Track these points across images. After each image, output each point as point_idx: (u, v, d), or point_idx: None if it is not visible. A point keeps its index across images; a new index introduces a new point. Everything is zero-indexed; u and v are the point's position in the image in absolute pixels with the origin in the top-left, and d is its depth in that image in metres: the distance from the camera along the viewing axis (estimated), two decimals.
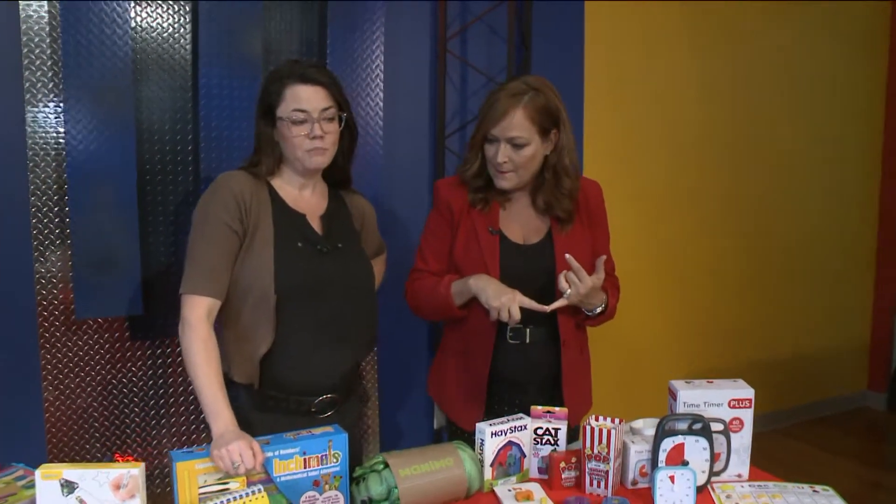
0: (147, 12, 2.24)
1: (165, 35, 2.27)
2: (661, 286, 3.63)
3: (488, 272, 1.88)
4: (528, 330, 1.94)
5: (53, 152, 2.17)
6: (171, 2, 2.26)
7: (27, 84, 2.13)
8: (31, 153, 2.16)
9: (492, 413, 1.95)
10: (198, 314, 1.62)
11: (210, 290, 1.64)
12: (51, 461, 2.27)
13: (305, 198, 1.80)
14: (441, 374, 2.07)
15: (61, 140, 2.17)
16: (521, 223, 1.96)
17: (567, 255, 1.79)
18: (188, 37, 2.29)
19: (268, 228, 1.70)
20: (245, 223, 1.68)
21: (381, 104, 2.54)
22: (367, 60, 2.50)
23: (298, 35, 2.45)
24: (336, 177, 1.88)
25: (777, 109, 3.88)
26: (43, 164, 2.17)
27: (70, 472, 1.26)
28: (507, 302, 1.76)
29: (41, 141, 2.16)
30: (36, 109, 2.14)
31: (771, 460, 2.06)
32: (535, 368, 1.97)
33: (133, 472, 1.29)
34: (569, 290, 1.80)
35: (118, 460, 2.36)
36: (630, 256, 3.45)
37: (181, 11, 2.27)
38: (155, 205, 2.29)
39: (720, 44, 3.63)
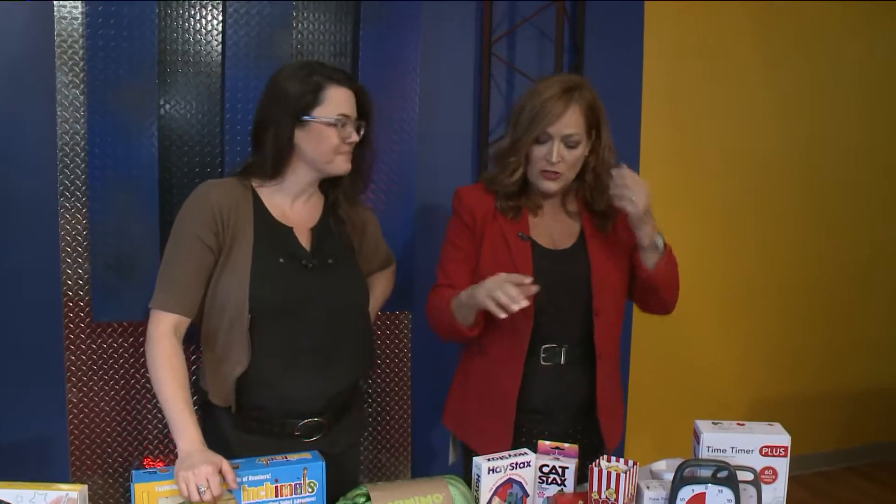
0: (175, 11, 2.21)
1: (193, 35, 2.23)
2: (723, 311, 3.40)
3: None
4: (563, 350, 1.80)
5: (83, 153, 2.16)
6: (199, 0, 2.22)
7: (59, 85, 2.13)
8: (61, 154, 2.16)
9: (518, 447, 1.79)
10: (162, 330, 1.55)
11: (176, 307, 1.57)
12: (73, 464, 2.26)
13: (296, 209, 1.71)
14: (461, 402, 1.92)
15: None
16: (551, 229, 1.84)
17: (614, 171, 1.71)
18: (218, 37, 2.24)
19: (247, 242, 1.61)
20: (221, 237, 1.60)
21: (416, 110, 2.43)
22: (402, 63, 2.39)
23: (331, 36, 2.37)
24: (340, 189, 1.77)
25: (856, 124, 3.55)
26: (72, 166, 2.17)
27: (6, 491, 1.19)
28: (493, 287, 1.60)
29: (71, 142, 2.15)
30: (67, 111, 2.14)
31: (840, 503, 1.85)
32: (570, 393, 1.82)
33: (72, 495, 1.21)
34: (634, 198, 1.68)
35: (147, 465, 2.35)
36: (690, 279, 3.24)
37: (210, 10, 2.23)
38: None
39: (792, 48, 3.36)
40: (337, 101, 1.63)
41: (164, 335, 1.54)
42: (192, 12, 2.23)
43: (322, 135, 1.63)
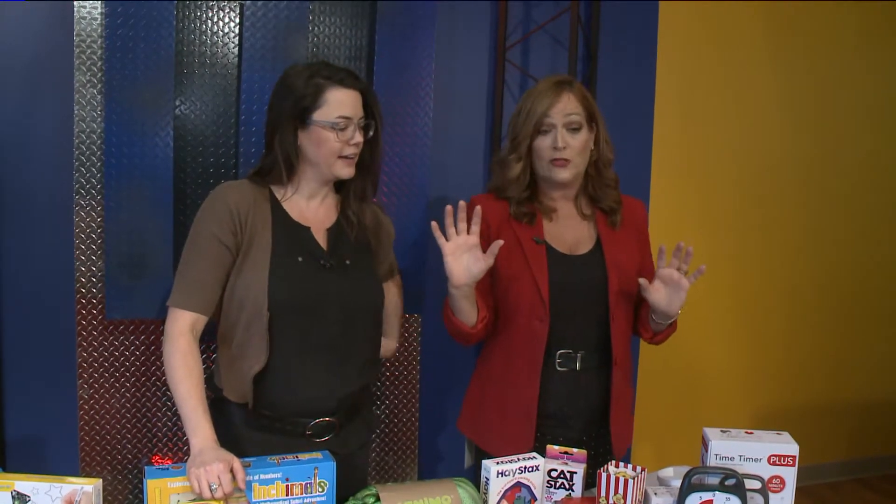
0: (193, 13, 2.22)
1: (210, 36, 2.25)
2: (731, 320, 3.40)
3: (536, 284, 1.76)
4: (579, 355, 1.81)
5: (99, 152, 2.18)
6: (217, 1, 2.24)
7: (77, 84, 2.15)
8: (77, 152, 2.18)
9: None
10: (179, 327, 1.57)
11: (194, 305, 1.59)
12: (83, 459, 2.28)
13: (312, 209, 1.72)
14: (479, 408, 1.93)
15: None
16: (567, 234, 1.85)
17: (641, 280, 1.76)
18: (235, 39, 2.26)
19: (265, 241, 1.63)
20: (239, 237, 1.62)
21: (430, 114, 2.44)
22: (417, 68, 2.40)
23: (346, 40, 2.39)
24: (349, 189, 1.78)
25: (868, 132, 3.56)
26: (88, 164, 2.19)
27: (23, 483, 1.21)
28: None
29: (87, 141, 2.18)
30: (84, 110, 2.15)
31: None
32: (584, 399, 1.83)
33: (87, 489, 1.23)
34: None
35: (156, 463, 2.36)
36: (697, 288, 3.23)
37: (227, 12, 2.24)
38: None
39: (807, 57, 3.36)
40: (337, 102, 1.63)
41: (181, 333, 1.56)
42: (210, 14, 2.25)
43: (321, 138, 1.63)
